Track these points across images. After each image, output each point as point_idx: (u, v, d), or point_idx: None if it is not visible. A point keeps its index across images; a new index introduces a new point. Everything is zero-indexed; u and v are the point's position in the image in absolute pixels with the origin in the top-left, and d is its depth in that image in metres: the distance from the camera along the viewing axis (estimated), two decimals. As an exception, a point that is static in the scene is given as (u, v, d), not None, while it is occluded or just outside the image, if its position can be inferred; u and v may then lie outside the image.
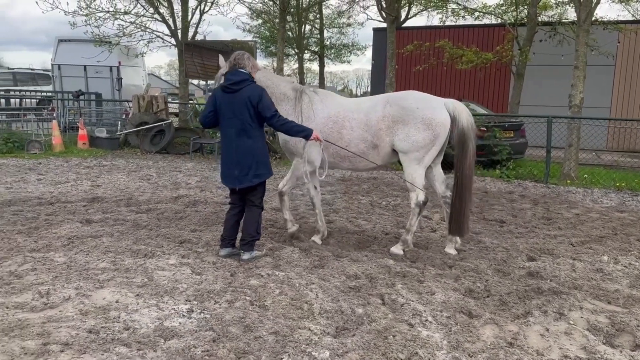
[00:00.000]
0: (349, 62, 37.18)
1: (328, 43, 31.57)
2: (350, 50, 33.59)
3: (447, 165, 5.69)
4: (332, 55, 33.41)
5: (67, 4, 27.37)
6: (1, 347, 3.10)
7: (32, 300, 3.86)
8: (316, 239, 5.70)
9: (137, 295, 4.03)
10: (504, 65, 16.17)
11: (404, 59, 18.28)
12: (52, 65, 18.21)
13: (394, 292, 4.28)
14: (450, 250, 5.42)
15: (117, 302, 3.90)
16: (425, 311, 3.93)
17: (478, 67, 15.21)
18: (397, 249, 5.36)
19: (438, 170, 5.58)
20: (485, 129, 11.39)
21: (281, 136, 5.45)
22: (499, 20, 17.28)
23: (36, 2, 14.69)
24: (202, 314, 3.76)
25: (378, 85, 20.96)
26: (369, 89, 38.01)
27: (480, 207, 7.87)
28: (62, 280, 4.28)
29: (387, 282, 4.51)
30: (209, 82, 18.54)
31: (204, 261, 4.90)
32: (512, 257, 5.38)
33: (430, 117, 5.07)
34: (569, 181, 10.34)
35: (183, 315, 3.72)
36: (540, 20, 15.65)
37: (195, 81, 20.41)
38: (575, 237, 6.29)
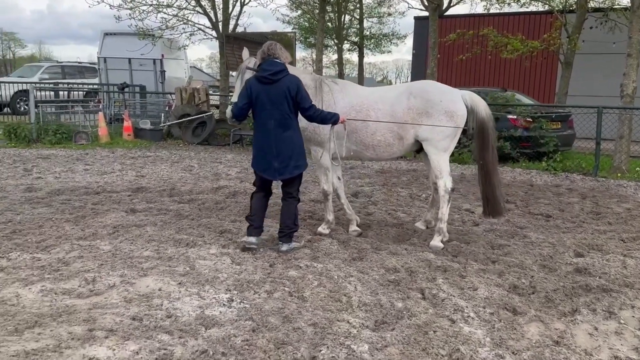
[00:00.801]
0: (389, 52, 36.74)
1: (368, 33, 31.25)
2: (390, 40, 33.16)
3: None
4: (372, 45, 33.06)
5: (113, -2, 28.04)
6: (50, 332, 3.21)
7: (79, 286, 3.99)
8: (353, 227, 5.70)
9: (180, 283, 4.10)
10: (551, 53, 15.58)
11: (446, 48, 17.89)
12: (98, 58, 18.72)
13: (434, 286, 4.20)
14: (421, 225, 5.96)
15: (160, 290, 3.97)
16: (467, 307, 3.84)
17: (524, 56, 14.69)
18: (435, 242, 5.30)
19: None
20: (531, 120, 11.04)
21: (300, 123, 5.41)
22: (547, 7, 16.64)
23: (83, -3, 15.12)
24: (242, 304, 3.79)
25: (418, 75, 20.60)
26: (409, 80, 37.51)
27: (525, 201, 7.64)
28: (108, 267, 4.40)
29: (427, 276, 4.43)
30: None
31: (243, 251, 4.94)
32: (559, 253, 5.19)
33: (453, 110, 5.22)
34: (619, 174, 9.90)
35: (223, 305, 3.76)
36: (590, 6, 14.99)
37: (235, 73, 20.62)
38: (626, 232, 6.01)
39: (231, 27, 16.18)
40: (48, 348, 3.02)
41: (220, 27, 15.82)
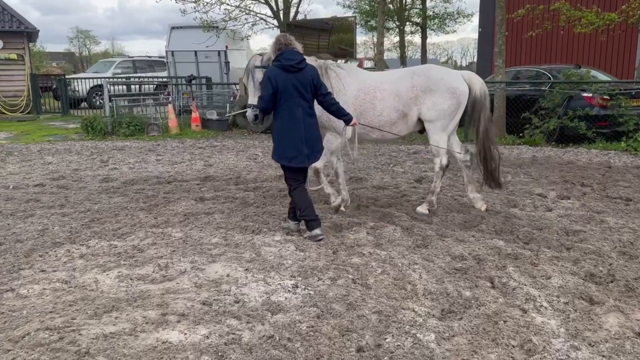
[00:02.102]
0: (453, 31, 35.58)
1: (431, 13, 30.43)
2: (454, 18, 32.09)
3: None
4: (435, 25, 32.15)
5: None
6: (126, 316, 3.39)
7: (153, 272, 4.18)
8: (338, 202, 5.84)
9: (246, 269, 4.20)
10: (630, 26, 14.48)
11: (515, 25, 17.07)
12: (166, 52, 19.33)
13: (504, 275, 4.05)
14: (481, 205, 5.87)
15: (228, 275, 4.09)
16: (539, 296, 3.67)
17: (599, 30, 13.75)
18: (422, 208, 5.74)
19: (455, 137, 5.87)
20: (608, 98, 10.35)
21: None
22: (626, -25, 15.45)
23: (150, -8, 15.70)
24: (306, 290, 3.83)
25: (485, 54, 19.85)
26: (475, 59, 36.21)
27: (602, 184, 7.19)
28: (179, 254, 4.58)
29: (496, 264, 4.28)
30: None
31: (307, 238, 4.99)
32: (641, 239, 4.86)
33: (454, 87, 5.46)
34: None
35: (288, 291, 3.82)
36: (676, -30, 13.74)
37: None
38: None
39: (292, 14, 16.24)
40: (124, 331, 3.19)
41: (281, 15, 15.92)
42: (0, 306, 3.60)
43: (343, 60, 17.35)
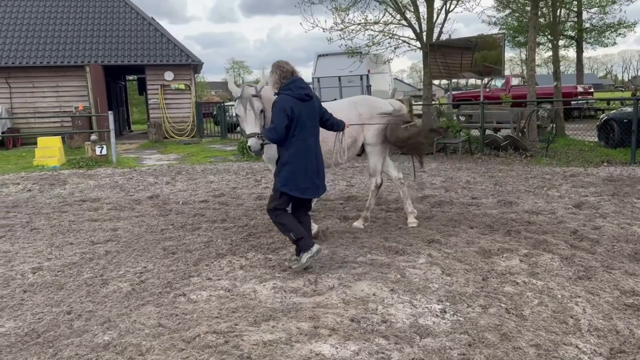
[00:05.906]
0: (614, 44, 32.26)
1: (588, 25, 28.06)
2: (615, 30, 29.17)
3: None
4: (592, 38, 29.52)
5: (325, 21, 30.51)
6: (282, 326, 3.60)
7: (304, 286, 4.39)
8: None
9: (392, 290, 4.22)
10: None
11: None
12: (313, 78, 20.34)
13: (688, 315, 3.56)
14: (412, 221, 6.37)
15: (374, 294, 4.14)
16: None
17: None
18: (358, 224, 6.30)
19: (389, 160, 6.48)
20: None
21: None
22: None
23: (300, 23, 16.86)
24: (455, 316, 3.73)
25: (655, 67, 17.74)
26: (639, 73, 32.45)
27: None
28: (327, 270, 4.76)
29: (677, 302, 3.77)
30: (453, 80, 18.35)
31: (453, 262, 4.86)
32: None
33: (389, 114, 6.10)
34: None
35: (436, 315, 3.75)
36: None
37: (436, 81, 20.38)
38: None
39: (435, 35, 16.13)
40: (281, 340, 3.39)
41: (424, 37, 15.88)
42: (175, 309, 4.05)
43: (487, 79, 16.73)
